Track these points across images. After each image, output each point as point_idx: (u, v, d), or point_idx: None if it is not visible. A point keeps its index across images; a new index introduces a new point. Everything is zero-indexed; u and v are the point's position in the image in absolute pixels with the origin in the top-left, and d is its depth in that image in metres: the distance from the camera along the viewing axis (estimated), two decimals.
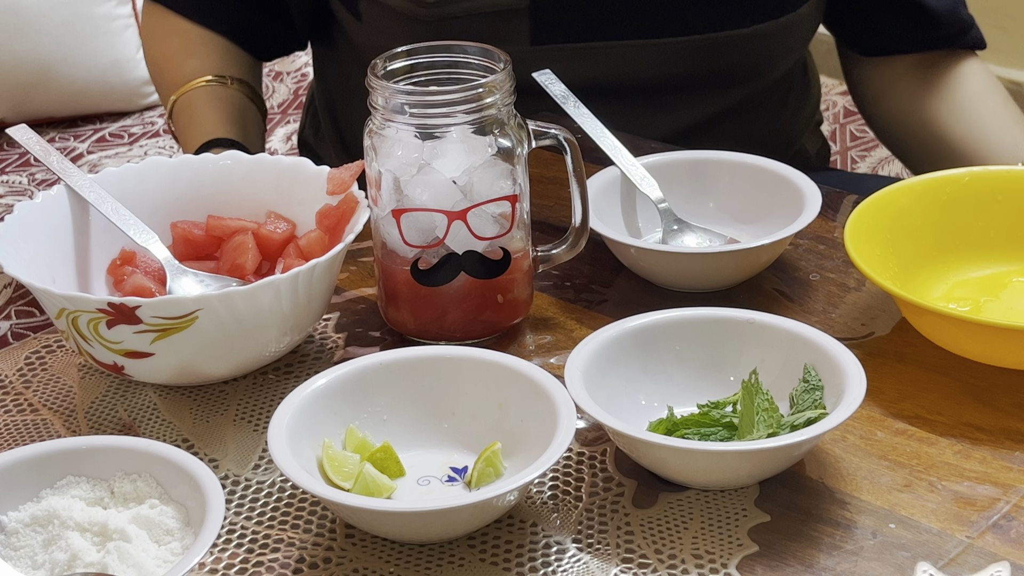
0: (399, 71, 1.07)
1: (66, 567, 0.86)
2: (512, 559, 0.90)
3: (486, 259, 1.06)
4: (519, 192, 1.06)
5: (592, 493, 0.95)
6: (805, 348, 0.98)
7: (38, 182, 2.18)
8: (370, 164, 1.06)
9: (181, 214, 1.15)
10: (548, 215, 1.23)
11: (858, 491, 0.94)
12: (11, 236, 1.06)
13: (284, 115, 2.38)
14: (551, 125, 1.07)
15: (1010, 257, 1.15)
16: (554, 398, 0.94)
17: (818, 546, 0.90)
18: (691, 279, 1.14)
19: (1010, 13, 2.66)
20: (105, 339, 1.01)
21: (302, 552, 0.91)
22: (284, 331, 1.04)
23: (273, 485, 0.97)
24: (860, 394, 0.93)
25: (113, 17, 2.33)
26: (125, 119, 2.38)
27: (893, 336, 1.09)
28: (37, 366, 1.11)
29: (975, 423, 1.00)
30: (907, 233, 1.13)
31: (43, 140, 1.16)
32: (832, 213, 1.23)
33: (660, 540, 0.91)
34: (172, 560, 0.87)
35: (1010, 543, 0.89)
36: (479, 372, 0.98)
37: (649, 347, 1.01)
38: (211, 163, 1.16)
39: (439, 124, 1.03)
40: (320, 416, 0.96)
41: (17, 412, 1.06)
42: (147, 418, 1.04)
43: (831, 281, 1.15)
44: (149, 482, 0.91)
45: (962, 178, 1.16)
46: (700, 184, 1.22)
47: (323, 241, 1.09)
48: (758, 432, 0.94)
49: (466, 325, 1.08)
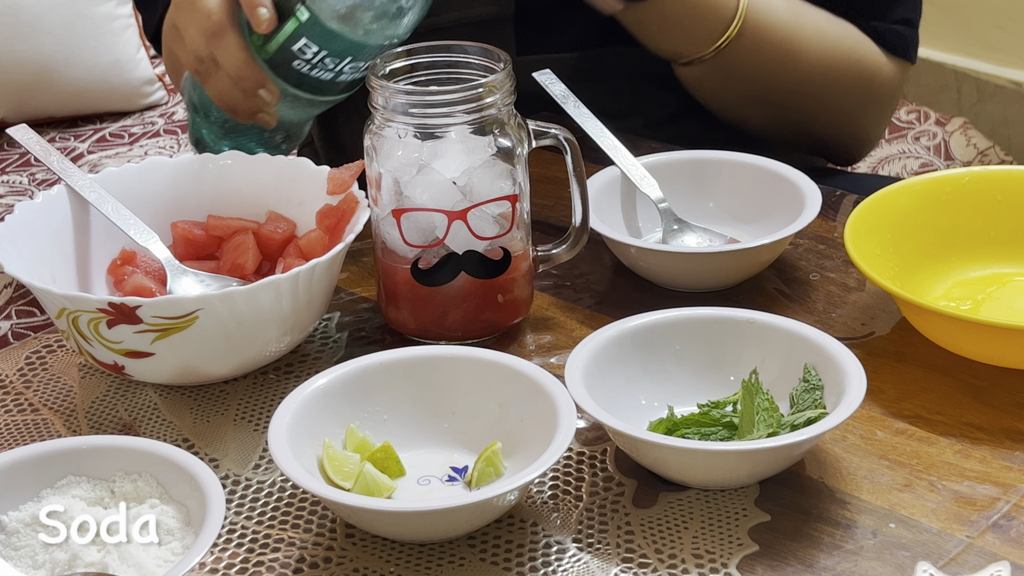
0: (399, 71, 1.07)
1: (66, 567, 0.86)
2: (512, 559, 0.90)
3: (486, 259, 1.07)
4: (519, 192, 1.06)
5: (592, 493, 0.95)
6: (805, 348, 0.98)
7: (38, 182, 2.18)
8: (370, 164, 1.06)
9: (181, 214, 1.15)
10: (548, 215, 1.23)
11: (858, 491, 0.94)
12: (11, 236, 1.06)
13: None
14: (551, 125, 1.08)
15: (1010, 257, 1.15)
16: (554, 398, 0.94)
17: (818, 546, 0.90)
18: (691, 279, 1.14)
19: (1010, 13, 2.66)
20: (105, 339, 1.01)
21: (302, 552, 0.91)
22: (284, 331, 1.04)
23: (273, 485, 0.97)
24: (860, 394, 0.93)
25: (113, 17, 2.33)
26: (125, 119, 2.38)
27: (893, 336, 1.09)
28: (37, 366, 1.11)
29: (975, 423, 1.00)
30: (907, 233, 1.13)
31: (43, 140, 1.16)
32: (832, 213, 1.23)
33: (660, 540, 0.91)
34: (172, 560, 0.87)
35: (1010, 543, 0.89)
36: (479, 372, 0.98)
37: (649, 347, 1.01)
38: (211, 163, 1.16)
39: (439, 124, 1.03)
40: (320, 416, 0.96)
41: (17, 412, 1.06)
42: (147, 418, 1.04)
43: (831, 281, 1.15)
44: (149, 482, 0.91)
45: (962, 178, 1.16)
46: (700, 184, 1.22)
47: (323, 241, 1.09)
48: (758, 432, 0.94)
49: (466, 325, 1.08)
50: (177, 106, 2.42)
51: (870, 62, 1.38)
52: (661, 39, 1.34)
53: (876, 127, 1.46)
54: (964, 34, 2.68)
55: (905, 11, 1.40)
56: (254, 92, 1.13)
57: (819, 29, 1.35)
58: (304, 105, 1.16)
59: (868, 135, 1.46)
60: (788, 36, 1.34)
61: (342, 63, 1.11)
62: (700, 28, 1.32)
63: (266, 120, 1.15)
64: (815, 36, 1.35)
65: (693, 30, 1.32)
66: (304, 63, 1.11)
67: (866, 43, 1.38)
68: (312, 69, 1.11)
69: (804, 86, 1.36)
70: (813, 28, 1.35)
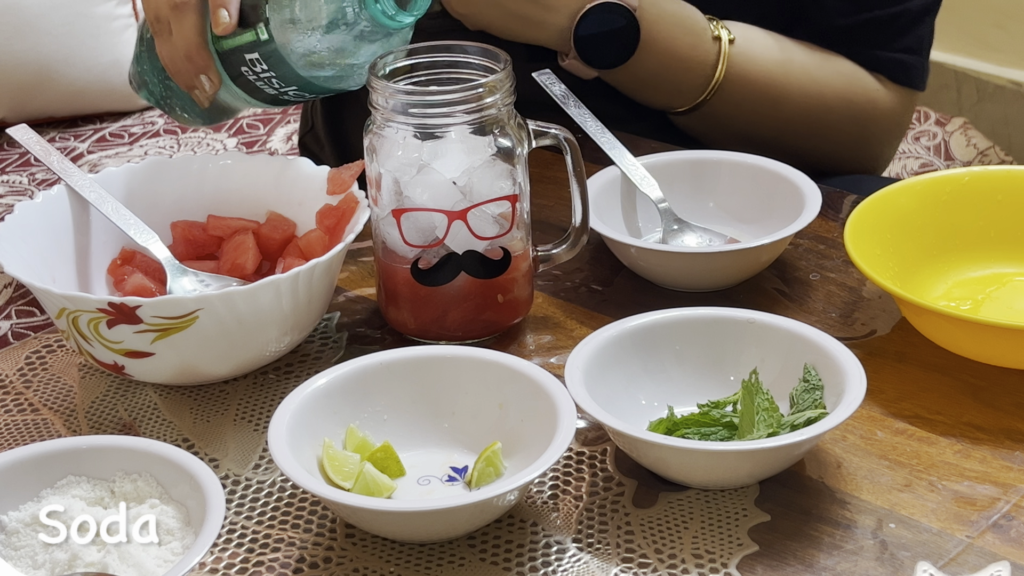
0: (399, 71, 1.07)
1: (66, 567, 0.86)
2: (512, 559, 0.90)
3: (486, 259, 1.07)
4: (519, 192, 1.06)
5: (592, 493, 0.95)
6: (805, 348, 0.98)
7: (38, 182, 2.18)
8: (370, 164, 1.06)
9: (181, 214, 1.15)
10: (548, 215, 1.23)
11: (858, 491, 0.94)
12: (11, 236, 1.06)
13: (284, 115, 2.38)
14: (551, 125, 1.08)
15: (1010, 257, 1.15)
16: (554, 398, 0.94)
17: (818, 546, 0.90)
18: (691, 279, 1.14)
19: (1010, 13, 2.66)
20: (105, 339, 1.01)
21: (302, 552, 0.91)
22: (284, 331, 1.04)
23: (273, 485, 0.97)
24: (860, 394, 0.93)
25: (113, 17, 2.33)
26: (125, 119, 2.37)
27: (893, 336, 1.09)
28: (37, 366, 1.11)
29: (975, 423, 1.00)
30: (907, 233, 1.13)
31: (43, 140, 1.16)
32: (832, 213, 1.23)
33: (660, 540, 0.91)
34: (172, 560, 0.87)
35: (1010, 543, 0.89)
36: (479, 372, 0.98)
37: (649, 347, 1.01)
38: (211, 163, 1.16)
39: (439, 124, 1.03)
40: (320, 416, 0.96)
41: (17, 412, 1.06)
42: (147, 418, 1.04)
43: (831, 281, 1.15)
44: (149, 482, 0.91)
45: (962, 178, 1.16)
46: (700, 184, 1.22)
47: (323, 241, 1.09)
48: (758, 432, 0.94)
49: (466, 325, 1.08)
50: None
51: (862, 100, 1.39)
52: (642, 96, 1.37)
53: (881, 155, 1.47)
54: (964, 34, 2.68)
55: (910, 40, 1.40)
56: (196, 74, 1.13)
57: (806, 73, 1.37)
58: (241, 100, 1.16)
59: (873, 162, 1.47)
60: (771, 83, 1.36)
61: (287, 87, 1.12)
62: (680, 85, 1.34)
63: (200, 99, 1.16)
64: (800, 81, 1.37)
65: (673, 87, 1.35)
66: (251, 73, 1.11)
67: (859, 81, 1.39)
68: (258, 80, 1.12)
69: (791, 127, 1.38)
70: (800, 72, 1.37)
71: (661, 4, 1.31)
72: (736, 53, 1.33)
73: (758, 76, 1.34)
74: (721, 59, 1.33)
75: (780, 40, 1.36)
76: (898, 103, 1.41)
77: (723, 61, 1.33)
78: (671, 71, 1.32)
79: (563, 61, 1.31)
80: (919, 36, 1.41)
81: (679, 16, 1.32)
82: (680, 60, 1.31)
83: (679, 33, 1.31)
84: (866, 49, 1.39)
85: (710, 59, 1.32)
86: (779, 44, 1.36)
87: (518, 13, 1.27)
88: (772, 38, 1.36)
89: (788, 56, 1.36)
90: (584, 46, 1.28)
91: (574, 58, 1.29)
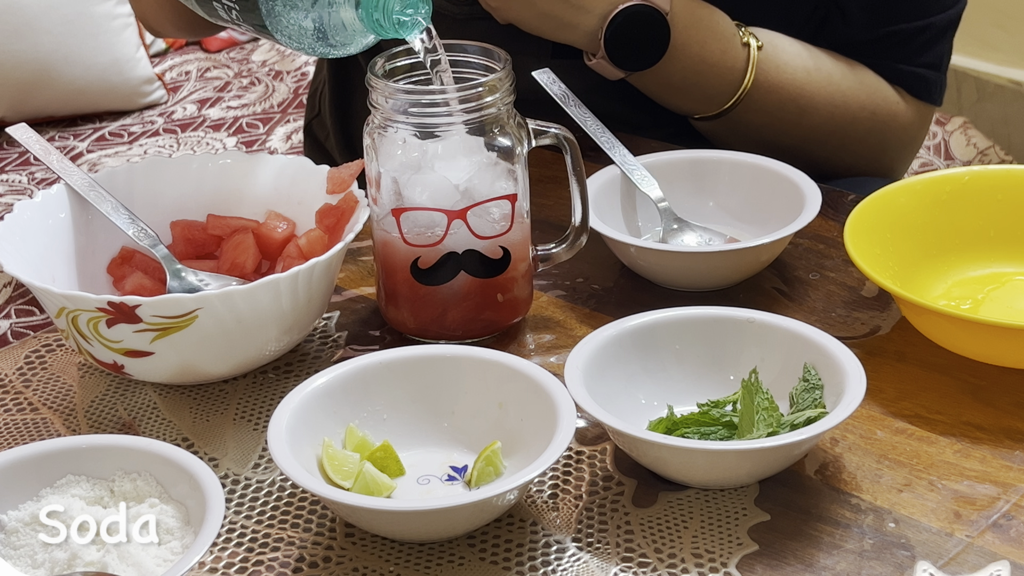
0: (399, 70, 1.07)
1: (66, 567, 0.86)
2: (512, 558, 0.90)
3: (486, 258, 1.06)
4: (519, 191, 1.06)
5: (592, 492, 0.95)
6: (805, 347, 0.98)
7: (38, 181, 2.18)
8: (370, 163, 1.06)
9: (181, 213, 1.15)
10: (548, 215, 1.23)
11: (858, 490, 0.94)
12: (11, 235, 1.06)
13: (284, 115, 2.38)
14: (551, 124, 1.07)
15: (1010, 256, 1.15)
16: (554, 397, 0.94)
17: (818, 545, 0.90)
18: (691, 278, 1.14)
19: (1010, 13, 2.66)
20: (105, 338, 1.01)
21: (302, 551, 0.91)
22: (284, 330, 1.04)
23: (273, 484, 0.97)
24: (860, 393, 0.93)
25: (113, 16, 2.33)
26: (125, 118, 2.38)
27: (893, 335, 1.09)
28: (37, 365, 1.11)
29: (975, 422, 1.00)
30: (907, 232, 1.13)
31: (43, 139, 1.16)
32: (832, 212, 1.23)
33: (660, 539, 0.91)
34: (172, 559, 0.87)
35: (1010, 542, 0.89)
36: (479, 371, 0.98)
37: (649, 346, 1.01)
38: (211, 162, 1.16)
39: (439, 123, 1.03)
40: (320, 415, 0.96)
41: (17, 411, 1.06)
42: (147, 417, 1.04)
43: (831, 280, 1.15)
44: (149, 481, 0.91)
45: (962, 177, 1.16)
46: (700, 183, 1.22)
47: (323, 240, 1.09)
48: (758, 431, 0.94)
49: (466, 324, 1.08)
50: (176, 105, 2.42)
51: (884, 112, 1.39)
52: (668, 101, 1.36)
53: (896, 168, 1.47)
54: (964, 34, 2.67)
55: (932, 57, 1.40)
56: None
57: (832, 82, 1.36)
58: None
59: (890, 172, 1.46)
60: (799, 92, 1.35)
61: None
62: (708, 91, 1.33)
63: None
64: (827, 91, 1.36)
65: (701, 92, 1.33)
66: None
67: (881, 93, 1.39)
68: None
69: (814, 135, 1.37)
70: (826, 82, 1.36)
71: (692, 8, 1.30)
72: (765, 60, 1.32)
73: (786, 84, 1.34)
74: (750, 66, 1.32)
75: (808, 48, 1.36)
76: (917, 117, 1.41)
77: (752, 67, 1.32)
78: (700, 76, 1.31)
79: (590, 60, 1.30)
80: (940, 52, 1.41)
81: (709, 21, 1.31)
82: (710, 65, 1.31)
83: (709, 38, 1.30)
84: (888, 62, 1.39)
85: (739, 65, 1.31)
86: (807, 52, 1.35)
87: (550, 13, 1.26)
88: (800, 46, 1.35)
89: (816, 65, 1.35)
90: (614, 48, 1.27)
91: (602, 58, 1.28)
